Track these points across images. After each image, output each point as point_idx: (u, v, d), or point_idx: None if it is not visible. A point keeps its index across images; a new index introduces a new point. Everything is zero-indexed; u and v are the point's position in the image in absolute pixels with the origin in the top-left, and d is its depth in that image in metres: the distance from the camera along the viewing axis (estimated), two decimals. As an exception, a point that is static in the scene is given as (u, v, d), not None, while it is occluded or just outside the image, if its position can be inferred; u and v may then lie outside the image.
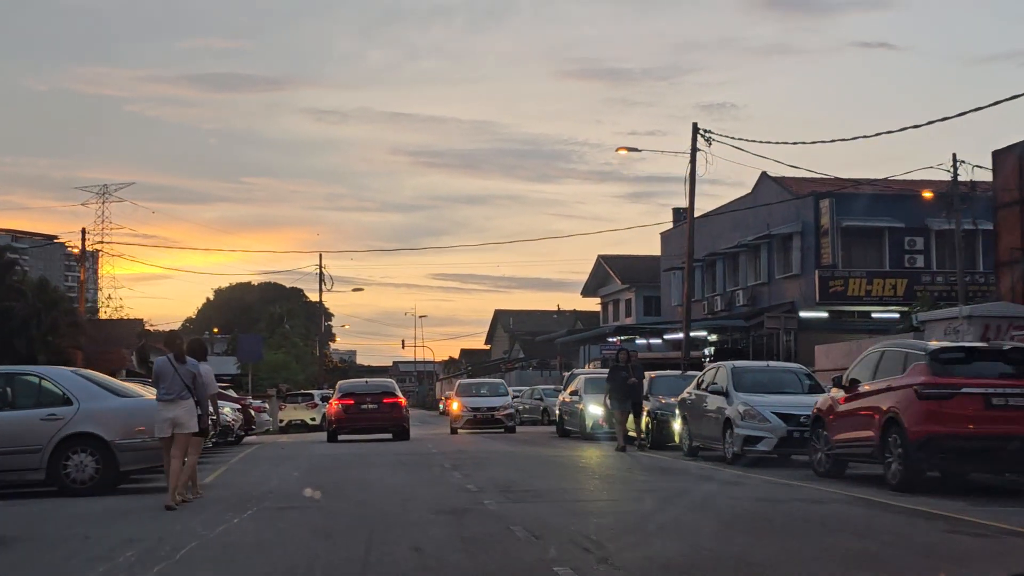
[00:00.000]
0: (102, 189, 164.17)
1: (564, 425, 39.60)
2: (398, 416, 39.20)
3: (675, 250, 77.01)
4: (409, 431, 39.73)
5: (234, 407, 38.18)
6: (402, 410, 39.67)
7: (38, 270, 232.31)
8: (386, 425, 39.08)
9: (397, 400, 39.87)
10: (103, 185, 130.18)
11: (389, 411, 39.06)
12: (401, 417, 39.25)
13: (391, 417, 39.03)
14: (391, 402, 39.42)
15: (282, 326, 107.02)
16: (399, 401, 39.89)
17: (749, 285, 67.60)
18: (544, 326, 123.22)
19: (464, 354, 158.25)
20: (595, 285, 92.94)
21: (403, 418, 39.26)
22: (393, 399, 39.68)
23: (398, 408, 39.50)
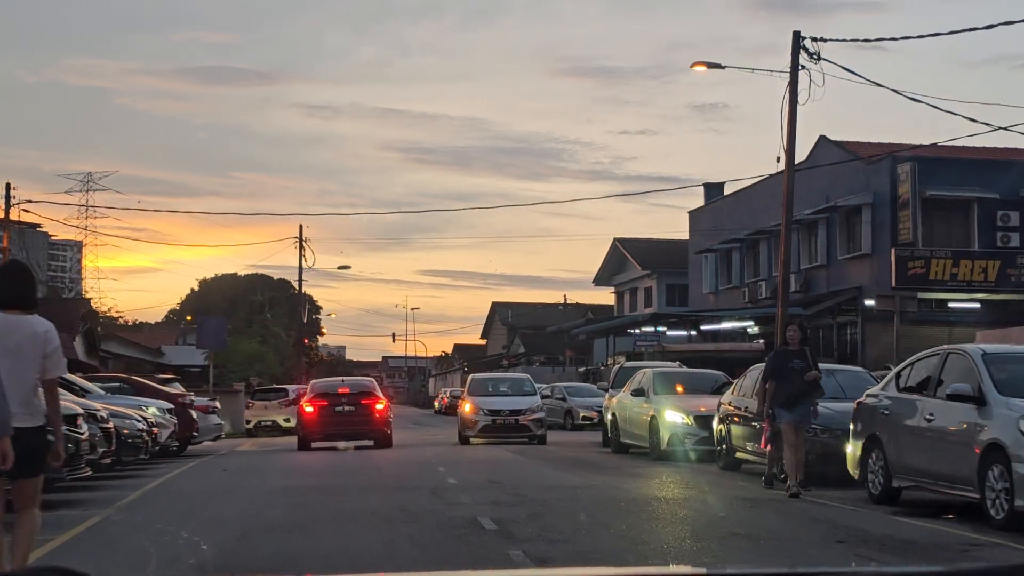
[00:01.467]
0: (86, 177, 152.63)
1: (620, 437, 28.13)
2: (378, 420, 32.79)
3: (707, 231, 65.62)
4: (391, 437, 33.28)
5: (162, 407, 26.66)
6: (383, 413, 33.11)
7: (20, 258, 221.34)
8: (364, 431, 32.76)
9: (376, 401, 33.20)
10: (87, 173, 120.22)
11: (368, 415, 32.71)
12: (382, 421, 32.87)
13: (370, 421, 32.68)
14: (369, 404, 32.90)
15: (262, 314, 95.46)
16: (379, 403, 33.23)
17: (803, 268, 56.17)
18: (546, 319, 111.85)
19: (457, 349, 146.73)
20: (609, 272, 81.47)
21: (384, 422, 32.93)
22: (371, 400, 33.10)
23: (378, 411, 32.95)
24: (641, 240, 78.75)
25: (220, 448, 35.60)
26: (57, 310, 54.65)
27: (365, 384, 35.31)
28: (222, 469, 24.16)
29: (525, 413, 33.09)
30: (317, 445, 32.83)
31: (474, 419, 33.22)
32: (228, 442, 42.88)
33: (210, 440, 33.12)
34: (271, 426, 47.43)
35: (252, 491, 18.94)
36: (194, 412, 29.85)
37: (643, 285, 76.91)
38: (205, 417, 31.73)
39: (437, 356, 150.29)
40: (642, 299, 77.02)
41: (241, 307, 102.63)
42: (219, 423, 33.17)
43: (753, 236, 60.23)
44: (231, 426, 49.15)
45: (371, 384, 35.56)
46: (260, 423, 47.37)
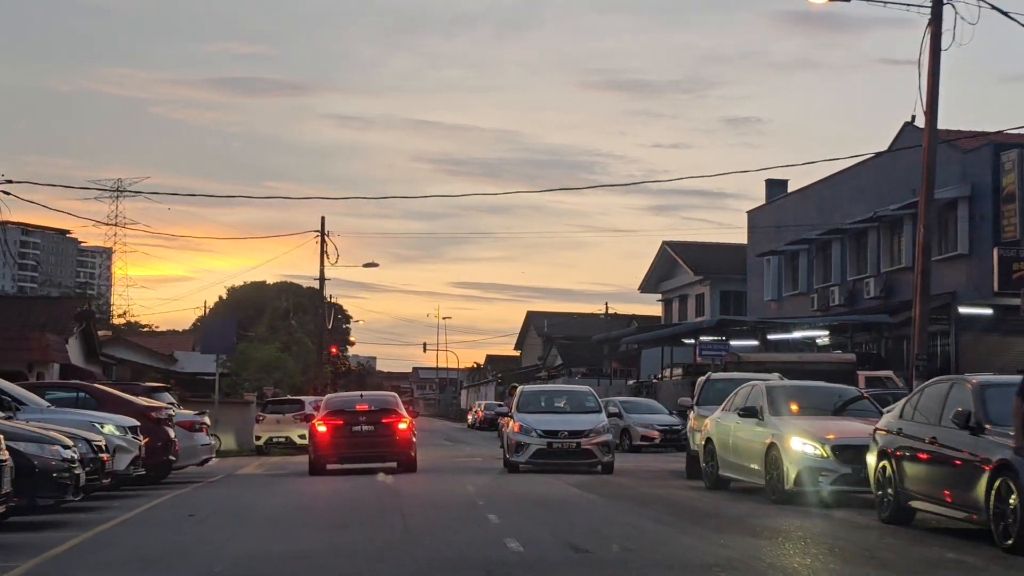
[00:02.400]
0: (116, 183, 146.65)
1: (719, 468, 21.27)
2: (401, 441, 28.12)
3: (769, 231, 58.68)
4: (416, 460, 28.68)
5: (123, 424, 19.95)
6: (406, 433, 28.32)
7: (49, 264, 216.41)
8: (385, 453, 28.27)
9: (399, 420, 28.40)
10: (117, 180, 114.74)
11: (389, 435, 28.02)
12: (405, 442, 28.18)
13: (392, 442, 28.05)
14: (391, 423, 28.15)
15: (287, 321, 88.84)
16: (402, 421, 28.43)
17: (884, 271, 49.14)
18: (583, 329, 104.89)
19: (490, 360, 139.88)
20: (656, 278, 74.54)
21: (408, 443, 28.23)
22: (393, 418, 28.30)
23: (400, 431, 28.21)
24: (692, 244, 71.84)
25: (213, 472, 28.91)
26: (50, 310, 48.22)
27: (386, 400, 30.02)
28: (188, 515, 17.29)
29: (588, 435, 26.23)
30: (333, 467, 27.88)
31: (525, 442, 26.35)
32: (231, 462, 36.24)
33: (196, 464, 26.23)
34: (284, 443, 40.74)
35: (205, 563, 12.08)
36: (171, 430, 22.98)
37: (694, 292, 69.94)
38: (189, 436, 24.94)
39: (469, 368, 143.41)
40: (693, 307, 70.05)
41: (267, 314, 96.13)
42: (208, 443, 26.30)
43: (824, 236, 53.24)
44: (236, 443, 42.48)
45: (393, 400, 30.09)
46: (272, 440, 40.70)
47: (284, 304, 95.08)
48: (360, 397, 30.06)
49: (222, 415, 42.86)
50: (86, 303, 48.39)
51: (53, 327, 46.31)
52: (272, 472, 30.84)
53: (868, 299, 49.91)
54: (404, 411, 29.30)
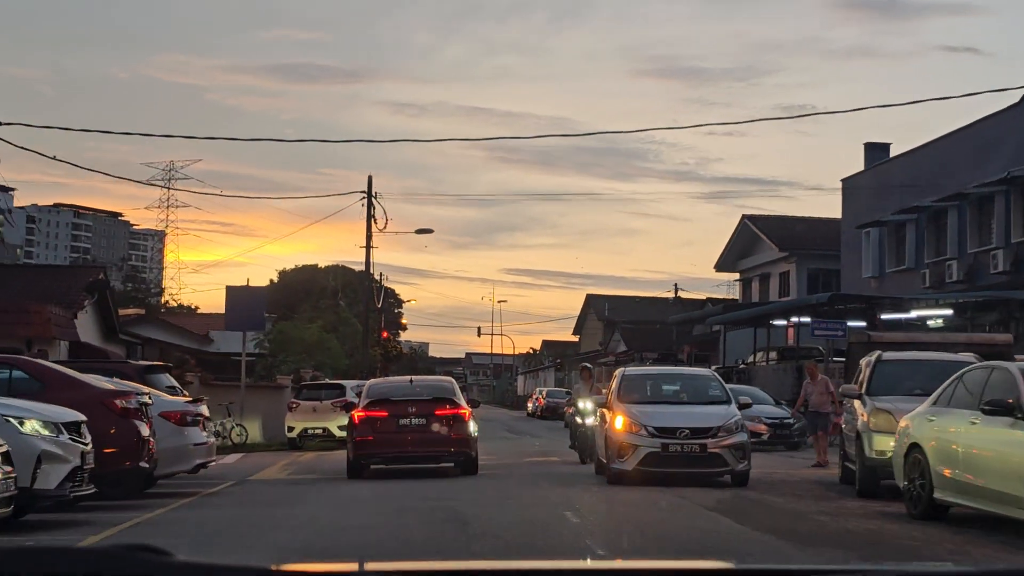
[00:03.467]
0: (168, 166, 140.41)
1: (934, 488, 14.07)
2: (459, 437, 22.53)
3: (869, 200, 51.25)
4: (476, 459, 23.13)
5: (62, 418, 13.06)
6: (465, 427, 22.74)
7: (101, 247, 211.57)
8: (440, 451, 22.63)
9: (458, 412, 22.80)
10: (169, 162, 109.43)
11: (445, 429, 22.40)
12: (464, 439, 22.57)
13: (448, 439, 22.44)
14: (448, 415, 22.56)
15: (336, 301, 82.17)
16: (461, 413, 22.81)
17: (1014, 242, 41.62)
18: (647, 313, 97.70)
19: (546, 346, 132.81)
20: (735, 256, 67.13)
21: (467, 440, 22.63)
22: (450, 409, 22.69)
23: (459, 424, 22.66)
24: (775, 217, 64.45)
25: (217, 479, 22.21)
26: (57, 280, 41.64)
27: (441, 387, 24.37)
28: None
29: (717, 434, 19.04)
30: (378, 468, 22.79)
31: (630, 442, 19.16)
32: (254, 460, 29.48)
33: (187, 471, 19.18)
34: (322, 435, 33.92)
35: None
36: (144, 425, 15.99)
37: (778, 270, 62.50)
38: (177, 433, 17.99)
39: (524, 353, 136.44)
40: (776, 286, 62.62)
41: (314, 294, 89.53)
42: (205, 441, 19.17)
43: (939, 203, 45.72)
44: (266, 435, 35.76)
45: (449, 386, 24.36)
46: (306, 431, 33.89)
47: (333, 282, 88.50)
48: (410, 383, 24.09)
49: (250, 402, 36.16)
50: (100, 272, 41.74)
51: (61, 299, 39.69)
52: (298, 476, 24.05)
53: (993, 274, 42.48)
54: (463, 400, 23.53)
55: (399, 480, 21.75)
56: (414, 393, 22.87)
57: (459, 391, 23.98)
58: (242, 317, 34.39)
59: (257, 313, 34.24)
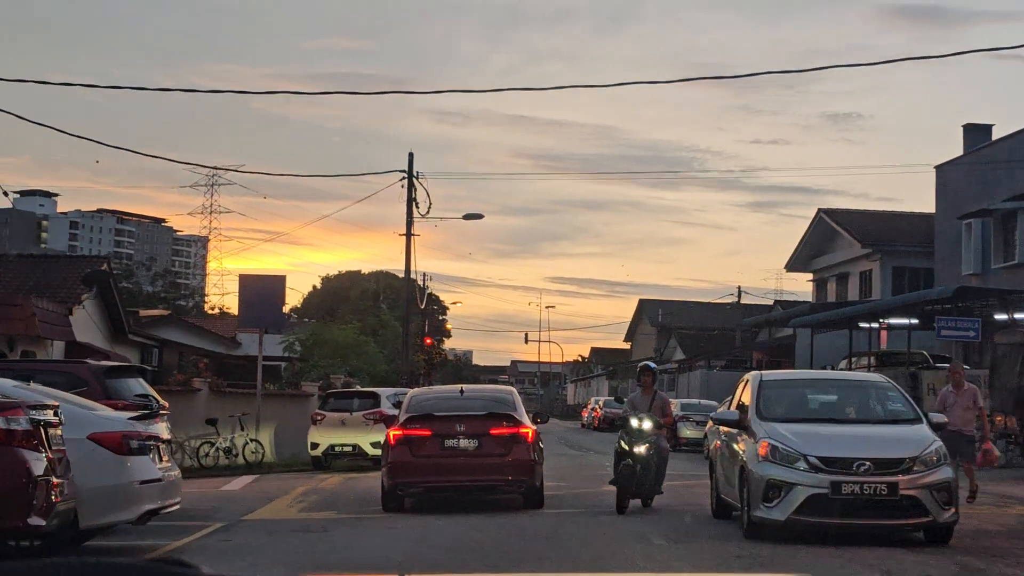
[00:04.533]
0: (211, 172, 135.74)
1: None
2: (520, 463, 17.16)
3: (969, 188, 44.81)
4: (542, 490, 17.73)
5: None
6: (527, 450, 17.33)
7: (144, 252, 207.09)
8: (495, 481, 17.27)
9: (518, 431, 17.43)
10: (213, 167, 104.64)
11: (502, 453, 17.11)
12: (526, 465, 17.21)
13: (505, 464, 17.07)
14: (505, 435, 17.23)
15: (377, 304, 76.44)
16: (521, 433, 17.44)
17: None
18: (704, 319, 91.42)
19: (595, 353, 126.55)
20: (808, 254, 60.69)
21: (528, 466, 17.25)
22: (508, 428, 17.35)
23: (519, 447, 17.28)
24: (856, 211, 58.03)
25: (211, 512, 16.29)
26: (51, 271, 35.88)
27: (498, 398, 18.89)
28: None
29: (911, 469, 12.71)
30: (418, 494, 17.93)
31: (781, 478, 12.89)
32: (266, 486, 23.59)
33: (131, 520, 12.78)
34: (351, 453, 27.90)
35: None
36: (36, 457, 9.79)
37: (859, 268, 56.02)
38: (116, 465, 11.73)
39: (572, 361, 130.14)
40: (856, 287, 56.14)
41: (354, 297, 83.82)
42: (159, 477, 12.70)
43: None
44: (287, 452, 29.89)
45: (509, 398, 18.89)
46: (333, 449, 27.86)
47: (374, 285, 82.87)
48: (460, 394, 18.75)
49: (269, 412, 30.24)
50: (102, 263, 35.90)
51: (55, 293, 33.92)
52: (312, 514, 18.03)
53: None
54: (525, 416, 18.31)
55: (447, 515, 16.61)
56: (464, 407, 17.72)
57: (521, 404, 18.52)
58: (258, 313, 28.41)
59: (275, 308, 28.24)
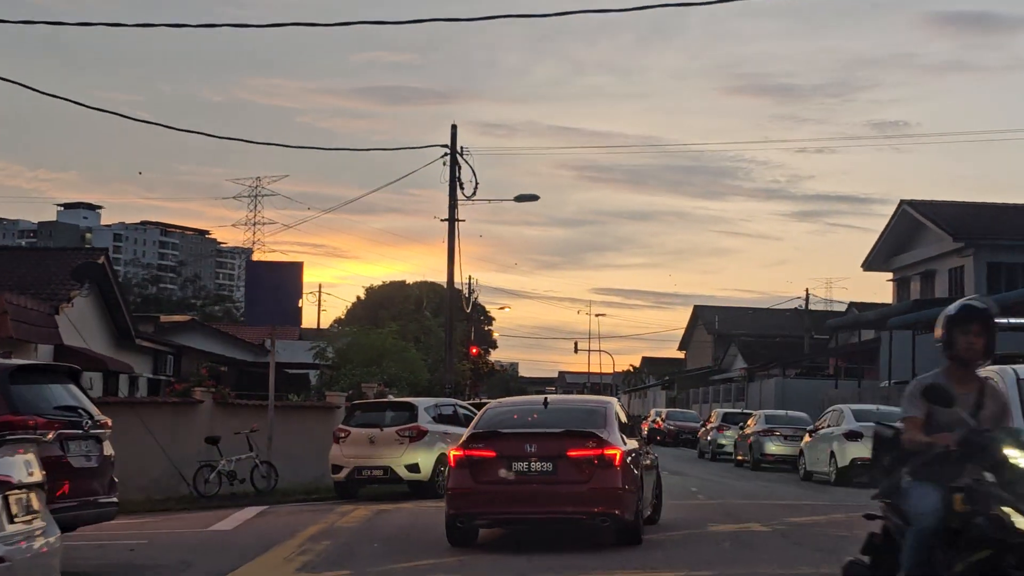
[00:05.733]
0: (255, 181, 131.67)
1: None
2: (603, 492, 13.49)
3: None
4: (638, 524, 13.91)
5: None
6: (613, 475, 13.52)
7: (188, 265, 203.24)
8: (573, 514, 13.63)
9: (602, 452, 13.57)
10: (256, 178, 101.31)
11: (581, 479, 13.50)
12: (611, 494, 13.51)
13: (585, 495, 13.44)
14: (585, 457, 13.53)
15: (420, 312, 71.11)
16: (607, 454, 13.56)
17: None
18: (764, 327, 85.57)
19: (647, 363, 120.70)
20: (887, 252, 54.83)
21: (616, 495, 13.52)
22: (592, 450, 13.55)
23: (603, 472, 13.50)
24: (944, 203, 52.11)
25: (181, 566, 10.91)
26: (38, 265, 30.78)
27: (585, 412, 14.87)
28: None
29: None
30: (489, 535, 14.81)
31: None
32: (272, 521, 18.31)
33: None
34: (382, 477, 22.40)
35: None
36: None
37: (948, 265, 50.12)
38: None
39: (623, 371, 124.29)
40: (944, 285, 50.23)
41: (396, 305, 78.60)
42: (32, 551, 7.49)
43: None
44: (308, 474, 24.59)
45: (601, 410, 14.82)
46: (359, 472, 22.35)
47: (417, 292, 77.59)
48: (544, 407, 14.89)
49: (287, 428, 24.87)
50: (100, 256, 30.71)
51: (40, 289, 28.76)
52: (324, 565, 12.65)
53: None
54: (616, 434, 14.17)
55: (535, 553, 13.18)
56: (540, 422, 14.11)
57: (615, 420, 14.44)
58: (270, 305, 23.01)
59: (290, 299, 22.81)
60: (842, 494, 24.19)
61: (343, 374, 36.33)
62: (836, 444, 27.54)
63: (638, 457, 14.65)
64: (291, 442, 24.71)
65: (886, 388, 39.08)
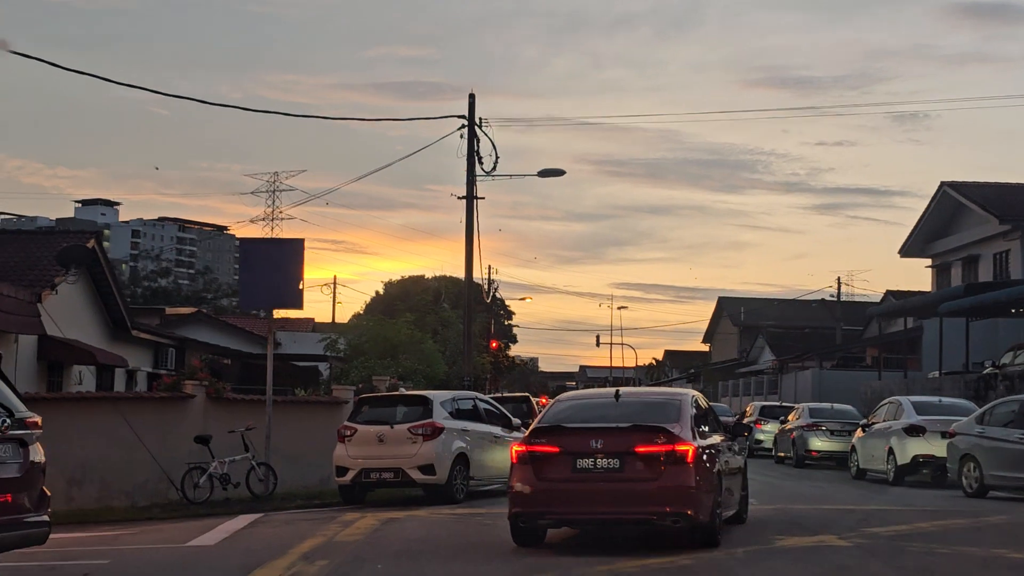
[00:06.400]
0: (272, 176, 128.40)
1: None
2: (674, 491, 12.20)
3: None
4: (714, 525, 12.70)
5: None
6: (686, 473, 12.26)
7: (206, 261, 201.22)
8: (641, 514, 12.33)
9: (673, 448, 12.30)
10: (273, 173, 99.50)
11: (650, 476, 12.28)
12: (683, 492, 12.21)
13: (654, 494, 12.17)
14: (654, 453, 12.31)
15: (438, 305, 68.51)
16: (679, 450, 12.29)
17: None
18: (791, 318, 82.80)
19: (670, 356, 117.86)
20: (926, 236, 51.96)
21: (688, 494, 12.19)
22: (661, 446, 12.31)
23: (675, 469, 12.27)
24: (989, 184, 49.23)
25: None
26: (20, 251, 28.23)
27: (658, 405, 13.54)
28: None
29: None
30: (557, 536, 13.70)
31: None
32: (263, 534, 15.72)
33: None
34: (392, 480, 19.75)
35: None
36: None
37: (993, 249, 47.26)
38: None
39: (646, 365, 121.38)
40: (988, 270, 47.38)
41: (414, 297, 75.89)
42: None
43: None
44: (312, 478, 22.06)
45: (675, 403, 13.51)
46: (367, 475, 19.70)
47: (435, 285, 74.98)
48: (614, 399, 13.63)
49: (290, 425, 22.28)
50: (89, 239, 28.13)
51: (22, 275, 26.20)
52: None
53: None
54: (689, 429, 12.79)
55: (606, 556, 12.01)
56: (608, 416, 13.06)
57: (689, 413, 13.15)
58: (265, 289, 20.41)
59: (289, 280, 20.15)
60: (908, 496, 21.46)
61: (355, 367, 33.69)
62: (895, 440, 24.81)
63: (717, 453, 13.51)
64: (292, 441, 22.13)
65: (936, 379, 36.24)
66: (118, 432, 20.73)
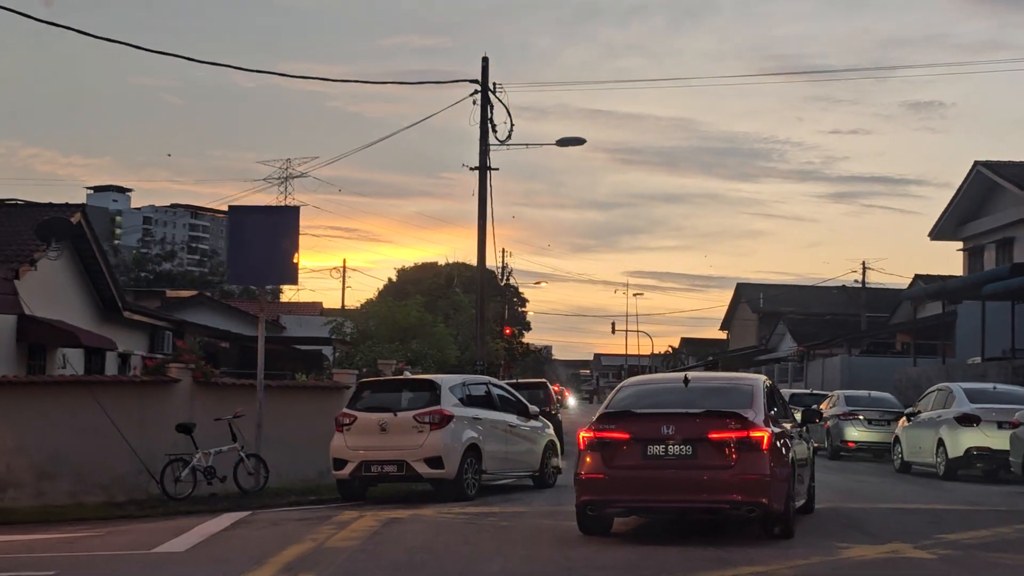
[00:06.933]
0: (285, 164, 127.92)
1: None
2: (747, 479, 11.55)
3: None
4: (790, 514, 12.06)
5: None
6: (759, 460, 11.57)
7: (216, 246, 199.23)
8: (713, 503, 11.78)
9: (747, 435, 11.65)
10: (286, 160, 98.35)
11: (723, 464, 11.63)
12: (756, 481, 11.53)
13: (729, 480, 11.55)
14: (726, 440, 11.66)
15: (451, 289, 66.54)
16: (753, 437, 11.65)
17: None
18: (811, 305, 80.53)
19: (685, 344, 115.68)
20: (958, 218, 49.58)
21: (761, 483, 11.51)
22: (735, 432, 11.66)
23: (748, 456, 11.58)
24: (1022, 164, 46.83)
25: None
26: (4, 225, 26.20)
27: (732, 390, 12.75)
28: None
29: None
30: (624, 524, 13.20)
31: None
32: (250, 536, 13.51)
33: None
34: (396, 475, 17.60)
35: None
36: None
37: (1031, 231, 44.85)
38: None
39: (662, 353, 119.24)
40: (1022, 253, 45.01)
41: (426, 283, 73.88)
42: None
43: None
44: (309, 472, 19.95)
45: (747, 389, 12.62)
46: (368, 468, 17.56)
47: (447, 269, 72.93)
48: (684, 384, 12.82)
49: (286, 412, 20.18)
50: (75, 212, 26.03)
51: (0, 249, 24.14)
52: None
53: None
54: (762, 416, 11.96)
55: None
56: (679, 402, 12.24)
57: (762, 399, 12.33)
58: (256, 262, 18.29)
59: (281, 255, 17.99)
60: (969, 493, 19.22)
61: (362, 350, 31.57)
62: (945, 430, 22.59)
63: (790, 441, 12.72)
64: (288, 430, 20.00)
65: (979, 364, 33.98)
66: (95, 420, 18.67)
